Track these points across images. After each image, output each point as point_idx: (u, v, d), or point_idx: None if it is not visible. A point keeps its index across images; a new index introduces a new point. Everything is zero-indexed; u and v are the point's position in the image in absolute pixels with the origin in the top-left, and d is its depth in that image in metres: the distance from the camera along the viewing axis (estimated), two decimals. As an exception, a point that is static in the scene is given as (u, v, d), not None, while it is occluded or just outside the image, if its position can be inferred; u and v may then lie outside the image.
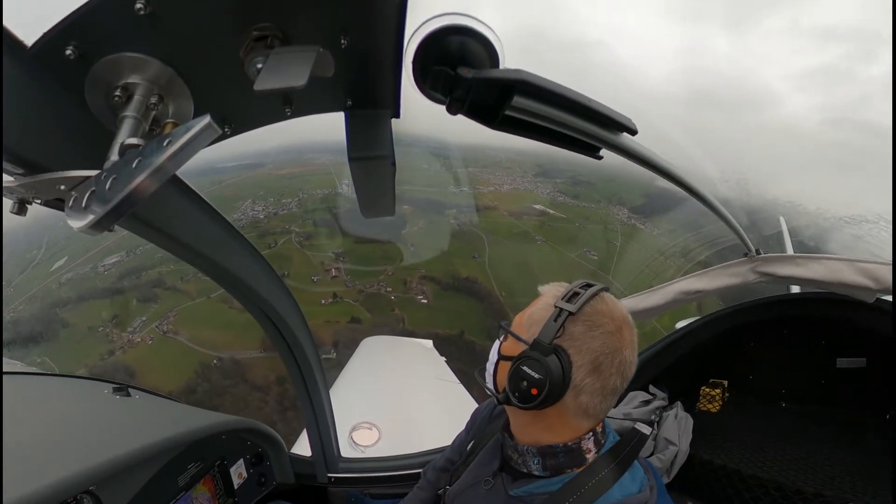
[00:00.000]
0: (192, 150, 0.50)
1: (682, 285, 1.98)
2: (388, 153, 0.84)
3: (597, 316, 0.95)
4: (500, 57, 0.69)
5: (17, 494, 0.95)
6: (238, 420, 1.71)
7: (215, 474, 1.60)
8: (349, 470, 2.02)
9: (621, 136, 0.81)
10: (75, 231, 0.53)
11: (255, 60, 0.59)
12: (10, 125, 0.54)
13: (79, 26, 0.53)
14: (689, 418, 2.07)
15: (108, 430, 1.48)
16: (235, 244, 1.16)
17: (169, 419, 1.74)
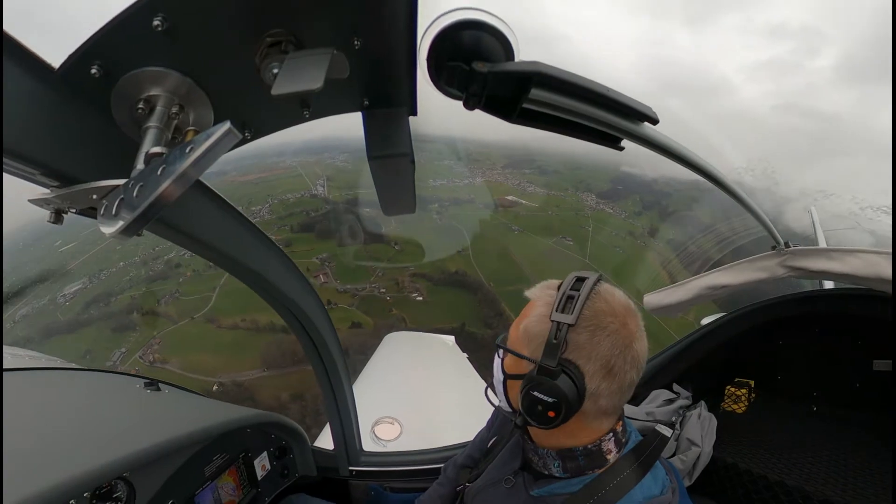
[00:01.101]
0: (213, 155, 0.52)
1: (707, 280, 1.91)
2: (407, 151, 0.84)
3: (598, 318, 0.91)
4: (514, 50, 0.68)
5: (58, 479, 1.02)
6: (263, 414, 1.76)
7: (240, 465, 1.66)
8: (370, 464, 2.05)
9: (642, 125, 0.79)
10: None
11: (271, 66, 0.60)
12: (44, 143, 0.58)
13: (101, 46, 0.57)
14: (713, 419, 1.99)
15: (139, 422, 1.56)
16: (260, 245, 1.19)
17: (197, 413, 1.81)
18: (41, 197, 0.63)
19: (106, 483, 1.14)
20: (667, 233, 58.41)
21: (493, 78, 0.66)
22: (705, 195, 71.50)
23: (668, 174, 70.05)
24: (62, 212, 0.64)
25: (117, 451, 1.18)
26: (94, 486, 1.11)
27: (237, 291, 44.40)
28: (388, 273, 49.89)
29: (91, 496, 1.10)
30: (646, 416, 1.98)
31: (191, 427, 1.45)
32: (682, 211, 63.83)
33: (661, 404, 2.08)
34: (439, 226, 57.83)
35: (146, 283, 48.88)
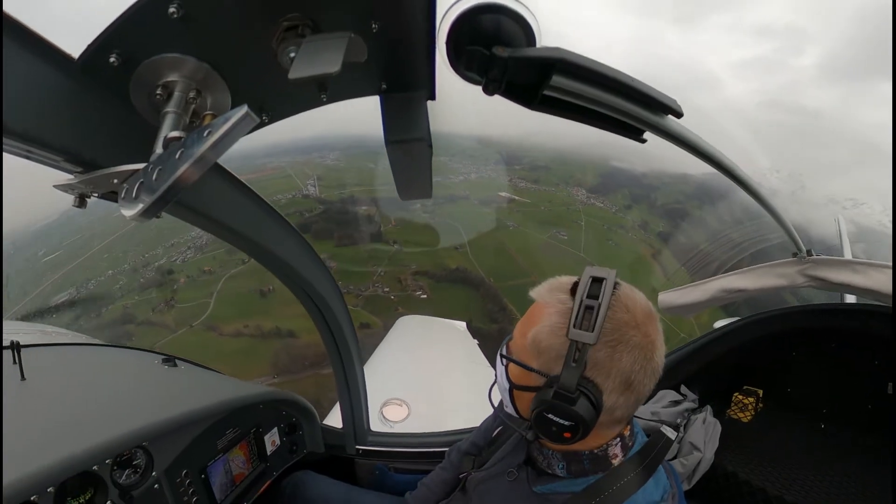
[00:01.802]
0: (231, 138, 0.52)
1: (723, 282, 1.86)
2: (425, 135, 0.82)
3: (620, 331, 0.84)
4: (536, 35, 0.66)
5: (84, 445, 1.08)
6: (275, 391, 1.81)
7: (251, 440, 1.71)
8: (377, 443, 2.10)
9: (666, 118, 0.76)
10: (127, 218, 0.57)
11: (288, 50, 0.60)
12: (66, 130, 0.60)
13: (119, 35, 0.58)
14: (718, 425, 1.95)
15: (157, 396, 1.62)
16: (277, 227, 1.21)
17: (211, 388, 1.87)
18: (65, 183, 0.65)
19: (126, 451, 1.21)
20: (657, 226, 59.40)
21: (513, 63, 0.64)
22: (696, 190, 70.65)
23: (657, 168, 71.14)
24: (86, 196, 0.66)
25: (137, 422, 1.25)
26: (116, 453, 1.17)
27: (236, 297, 44.52)
28: (389, 272, 49.66)
29: (113, 462, 1.17)
30: (651, 415, 1.96)
31: (205, 402, 1.51)
32: (669, 204, 64.63)
33: (668, 405, 2.05)
34: (431, 223, 57.56)
35: (138, 292, 47.19)
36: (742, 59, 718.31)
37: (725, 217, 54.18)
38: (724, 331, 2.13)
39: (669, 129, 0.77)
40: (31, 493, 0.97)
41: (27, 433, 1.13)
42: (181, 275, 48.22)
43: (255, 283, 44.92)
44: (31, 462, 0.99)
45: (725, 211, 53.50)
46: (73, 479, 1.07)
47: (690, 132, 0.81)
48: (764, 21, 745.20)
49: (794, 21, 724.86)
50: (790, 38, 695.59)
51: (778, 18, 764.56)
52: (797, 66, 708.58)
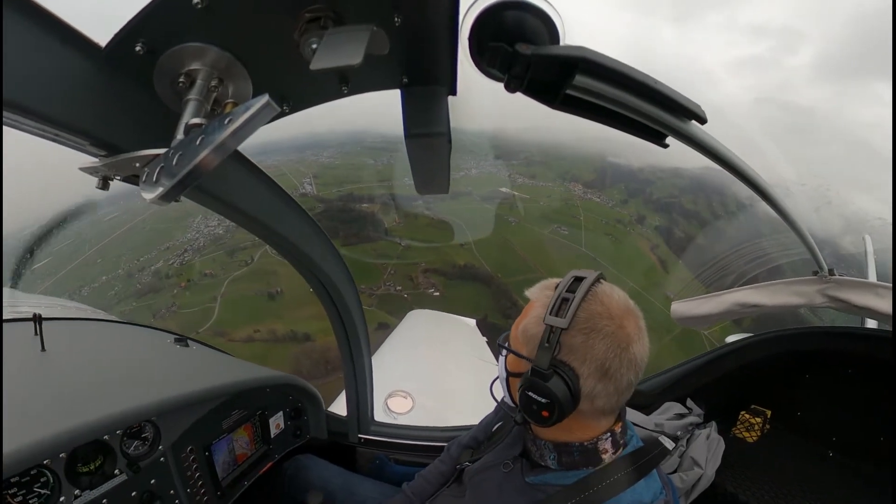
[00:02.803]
0: (252, 127, 0.53)
1: (738, 296, 1.80)
2: (445, 130, 0.83)
3: (593, 320, 0.90)
4: (560, 33, 0.66)
5: (97, 416, 1.15)
6: (283, 376, 1.84)
7: (255, 422, 1.75)
8: (379, 433, 2.12)
9: (689, 124, 0.75)
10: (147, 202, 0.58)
11: (310, 41, 0.60)
12: (92, 116, 0.62)
13: (145, 25, 0.59)
14: (721, 442, 1.88)
15: (168, 373, 1.68)
16: (293, 214, 1.23)
17: (220, 369, 1.92)
18: (90, 165, 0.67)
19: (136, 424, 1.26)
20: (654, 220, 60.15)
21: (536, 61, 0.64)
22: (689, 184, 70.35)
23: (653, 163, 71.08)
24: (108, 179, 0.68)
25: (147, 397, 1.30)
26: (127, 425, 1.23)
27: (242, 300, 43.30)
28: (399, 270, 49.33)
29: (123, 433, 1.23)
30: (654, 426, 1.92)
31: (214, 382, 1.56)
32: (665, 198, 65.18)
33: (672, 417, 2.01)
34: (434, 220, 57.00)
35: (136, 298, 44.22)
36: (737, 57, 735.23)
37: (744, 228, 53.75)
38: (736, 346, 2.06)
39: (692, 134, 0.75)
40: (45, 457, 1.02)
41: (44, 401, 1.19)
42: (181, 279, 46.31)
43: (261, 285, 44.44)
44: (46, 428, 1.05)
45: (744, 222, 52.93)
46: (84, 447, 1.12)
47: (714, 139, 0.79)
48: (758, 20, 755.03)
49: (789, 21, 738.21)
50: (784, 37, 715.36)
51: (772, 18, 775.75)
52: (791, 64, 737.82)
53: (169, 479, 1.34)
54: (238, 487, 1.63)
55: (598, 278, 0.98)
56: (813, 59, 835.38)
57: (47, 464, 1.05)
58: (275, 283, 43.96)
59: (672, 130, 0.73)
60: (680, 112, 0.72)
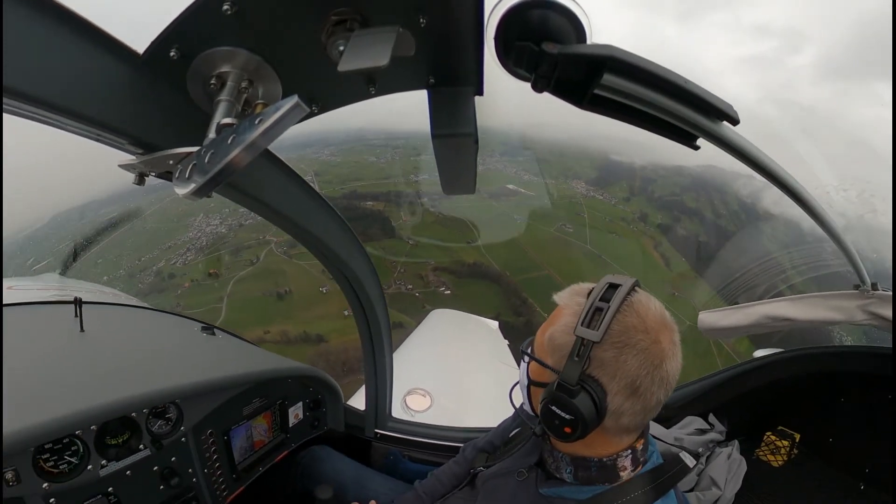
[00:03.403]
0: (281, 127, 0.54)
1: (769, 308, 1.69)
2: (472, 131, 0.82)
3: (627, 334, 0.85)
4: (586, 32, 0.64)
5: (126, 394, 1.24)
6: (305, 367, 1.88)
7: (275, 411, 1.80)
8: (395, 430, 2.14)
9: (721, 125, 0.72)
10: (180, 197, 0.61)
11: (337, 43, 0.61)
12: (131, 117, 0.67)
13: (178, 32, 0.63)
14: (743, 463, 1.79)
15: (194, 359, 1.77)
16: (322, 212, 1.26)
17: (244, 358, 1.99)
18: (128, 163, 0.71)
19: (161, 404, 1.34)
20: (656, 218, 60.16)
21: (563, 60, 0.63)
22: (692, 182, 68.92)
23: (655, 161, 70.68)
24: (144, 175, 0.72)
25: (174, 380, 1.39)
26: (153, 404, 1.31)
27: (249, 301, 42.30)
28: (409, 269, 48.46)
29: (149, 412, 1.31)
30: (674, 440, 1.85)
31: (238, 370, 1.62)
32: (666, 196, 65.19)
33: (693, 433, 1.93)
34: (440, 217, 56.42)
35: (139, 299, 44.45)
36: (740, 56, 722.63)
37: (777, 236, 52.17)
38: (765, 361, 1.94)
39: (724, 136, 0.72)
40: (77, 427, 1.11)
41: (80, 377, 1.31)
42: (185, 279, 44.47)
43: (268, 285, 43.03)
44: (81, 402, 1.14)
45: (778, 230, 51.24)
46: (113, 422, 1.22)
47: (746, 140, 0.76)
48: (762, 20, 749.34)
49: (792, 21, 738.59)
50: (788, 37, 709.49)
51: (775, 18, 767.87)
52: (794, 64, 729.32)
53: (188, 458, 1.41)
54: (253, 472, 1.69)
55: (634, 286, 0.92)
56: (815, 59, 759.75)
57: (79, 434, 1.14)
58: (283, 282, 43.03)
59: (702, 131, 0.71)
60: (711, 112, 0.70)
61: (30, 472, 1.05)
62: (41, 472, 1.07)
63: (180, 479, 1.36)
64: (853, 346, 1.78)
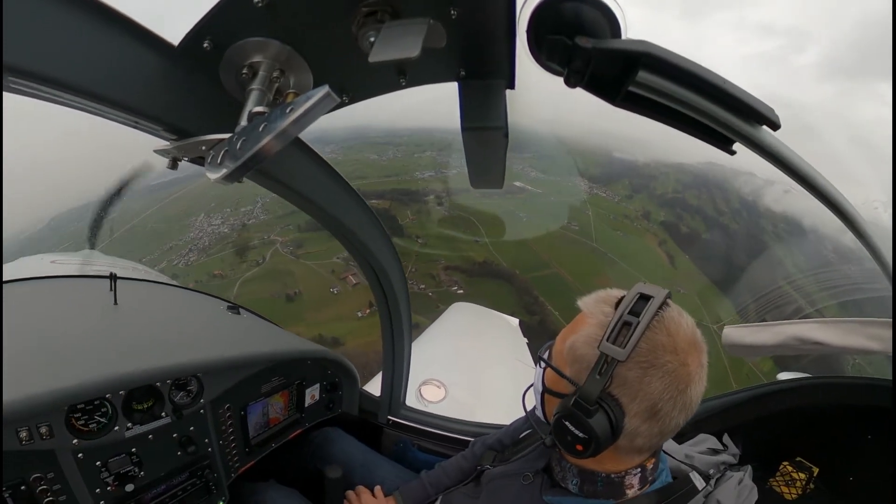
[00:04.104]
0: (312, 116, 0.55)
1: (798, 329, 1.56)
2: (502, 124, 0.82)
3: (655, 354, 0.80)
4: (621, 26, 0.63)
5: (151, 365, 1.32)
6: (325, 351, 1.92)
7: (292, 391, 1.85)
8: (408, 418, 2.17)
9: (760, 129, 0.68)
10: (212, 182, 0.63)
11: (368, 34, 0.61)
12: (166, 104, 0.71)
13: (212, 24, 0.66)
14: (755, 491, 1.61)
15: (218, 336, 1.84)
16: (351, 202, 1.29)
17: (267, 338, 2.06)
18: (162, 148, 0.74)
19: (184, 377, 1.41)
20: (658, 215, 60.57)
21: (597, 55, 0.61)
22: (693, 179, 67.45)
23: (658, 158, 70.44)
24: (177, 160, 0.75)
25: (197, 355, 1.47)
26: (175, 376, 1.38)
27: (258, 303, 41.17)
28: (420, 269, 47.92)
29: (172, 383, 1.38)
30: (684, 457, 1.79)
31: (259, 349, 1.69)
32: (668, 195, 65.59)
33: (705, 451, 1.78)
34: (446, 216, 55.58)
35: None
36: (745, 54, 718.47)
37: (813, 254, 50.79)
38: (790, 385, 1.82)
39: (763, 141, 0.69)
40: (107, 391, 1.22)
41: (112, 347, 1.41)
42: (188, 280, 42.45)
43: (277, 287, 42.20)
44: (112, 369, 1.24)
45: (814, 248, 49.41)
46: (140, 389, 1.30)
47: (788, 149, 0.71)
48: (767, 19, 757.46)
49: (796, 21, 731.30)
50: (793, 36, 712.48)
51: (781, 18, 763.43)
52: (798, 63, 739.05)
53: (205, 429, 1.49)
54: (266, 447, 1.75)
55: (666, 299, 0.85)
56: (819, 58, 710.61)
57: (109, 398, 1.23)
58: (291, 283, 42.18)
59: (740, 135, 0.67)
60: (750, 115, 0.66)
61: (62, 429, 1.14)
62: (72, 429, 1.17)
63: (196, 448, 1.44)
64: (884, 380, 1.62)
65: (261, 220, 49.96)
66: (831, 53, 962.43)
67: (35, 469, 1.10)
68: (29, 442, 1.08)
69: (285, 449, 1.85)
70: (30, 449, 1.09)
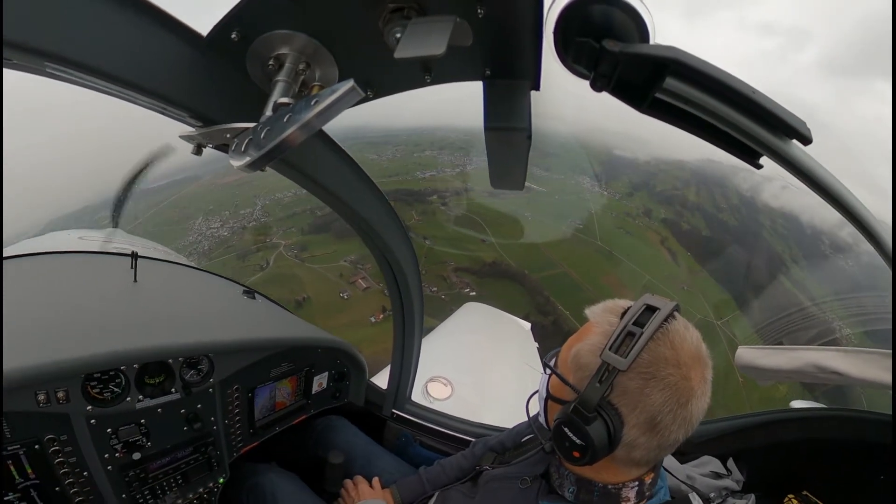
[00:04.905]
0: (336, 109, 0.56)
1: (816, 356, 1.48)
2: (526, 125, 0.81)
3: (657, 365, 0.80)
4: (649, 31, 0.62)
5: (165, 342, 1.38)
6: (336, 340, 1.95)
7: (301, 377, 1.88)
8: (412, 413, 2.18)
9: (790, 143, 0.66)
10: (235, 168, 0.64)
11: (394, 30, 0.62)
12: (193, 92, 0.73)
13: (240, 15, 0.67)
14: None
15: (232, 319, 1.89)
16: (370, 194, 1.30)
17: (280, 323, 2.10)
18: (188, 134, 0.76)
19: (195, 356, 1.46)
20: (659, 213, 60.47)
21: (624, 59, 0.61)
22: (691, 176, 66.30)
23: (657, 155, 70.24)
24: (202, 146, 0.77)
25: (210, 335, 1.52)
26: (187, 355, 1.43)
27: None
28: (430, 270, 46.69)
29: (184, 361, 1.43)
30: (686, 478, 1.72)
31: (271, 334, 1.72)
32: (664, 191, 65.52)
33: (707, 474, 1.73)
34: (450, 216, 54.52)
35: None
36: (745, 53, 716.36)
37: (840, 277, 49.46)
38: (802, 415, 1.75)
39: (792, 156, 0.66)
40: (122, 363, 1.28)
41: (130, 322, 1.47)
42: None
43: (283, 292, 39.85)
44: (127, 343, 1.30)
45: (840, 270, 47.26)
46: (153, 364, 1.35)
47: (820, 165, 0.68)
48: (767, 19, 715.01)
49: (797, 22, 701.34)
50: (793, 35, 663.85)
51: (782, 18, 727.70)
52: (798, 62, 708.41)
53: (213, 407, 1.53)
54: (270, 430, 1.79)
55: (673, 311, 0.85)
56: (818, 58, 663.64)
57: (123, 369, 1.29)
58: (299, 288, 40.49)
59: (768, 149, 0.65)
60: (779, 128, 0.64)
61: (78, 395, 1.20)
62: (87, 396, 1.23)
63: (202, 425, 1.49)
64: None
65: (263, 222, 49.25)
66: (829, 53, 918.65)
67: (50, 430, 1.17)
68: (46, 405, 1.14)
69: (289, 433, 1.88)
70: (46, 411, 1.15)
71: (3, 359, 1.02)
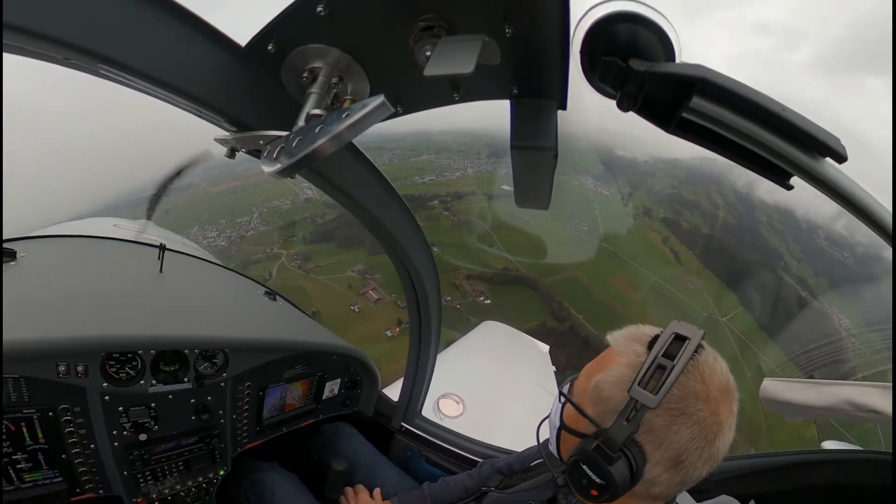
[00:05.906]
0: (367, 123, 0.58)
1: (850, 392, 1.35)
2: (552, 145, 0.81)
3: (687, 401, 0.76)
4: (675, 50, 0.62)
5: (183, 333, 1.44)
6: (352, 349, 1.96)
7: (313, 381, 1.90)
8: (420, 428, 2.16)
9: (823, 161, 0.64)
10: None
11: (424, 48, 0.64)
12: (230, 98, 0.77)
13: (277, 29, 0.71)
14: None
15: (250, 318, 1.94)
16: (396, 207, 1.33)
17: (297, 327, 2.13)
18: (222, 137, 0.80)
19: (211, 350, 1.50)
20: (659, 213, 60.27)
21: (650, 79, 0.61)
22: (687, 174, 64.07)
23: (654, 154, 70.00)
24: (235, 150, 0.81)
25: (227, 331, 1.57)
26: (203, 347, 1.48)
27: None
28: (442, 278, 45.12)
29: (199, 353, 1.47)
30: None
31: (289, 336, 1.76)
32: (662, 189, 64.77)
33: None
34: (454, 222, 53.49)
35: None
36: (741, 52, 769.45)
37: (838, 270, 49.25)
38: (834, 457, 1.61)
39: (826, 176, 0.64)
40: (140, 348, 1.35)
41: (151, 310, 1.54)
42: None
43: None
44: (147, 329, 1.37)
45: (838, 263, 48.66)
46: (169, 352, 1.41)
47: (856, 185, 0.66)
48: (764, 19, 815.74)
49: (791, 22, 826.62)
50: (786, 36, 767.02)
51: (777, 18, 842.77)
52: (791, 60, 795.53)
53: (222, 401, 1.56)
54: (276, 430, 1.81)
55: (701, 342, 0.82)
56: (811, 57, 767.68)
57: (141, 353, 1.35)
58: (306, 301, 37.25)
59: (800, 169, 0.63)
60: (811, 146, 0.62)
61: (96, 371, 1.27)
62: (104, 373, 1.29)
63: (210, 417, 1.52)
64: None
65: (262, 231, 47.68)
66: (822, 52, 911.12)
67: (65, 401, 1.23)
68: (66, 376, 1.21)
69: (296, 435, 1.90)
70: (65, 382, 1.22)
71: (28, 328, 1.11)
